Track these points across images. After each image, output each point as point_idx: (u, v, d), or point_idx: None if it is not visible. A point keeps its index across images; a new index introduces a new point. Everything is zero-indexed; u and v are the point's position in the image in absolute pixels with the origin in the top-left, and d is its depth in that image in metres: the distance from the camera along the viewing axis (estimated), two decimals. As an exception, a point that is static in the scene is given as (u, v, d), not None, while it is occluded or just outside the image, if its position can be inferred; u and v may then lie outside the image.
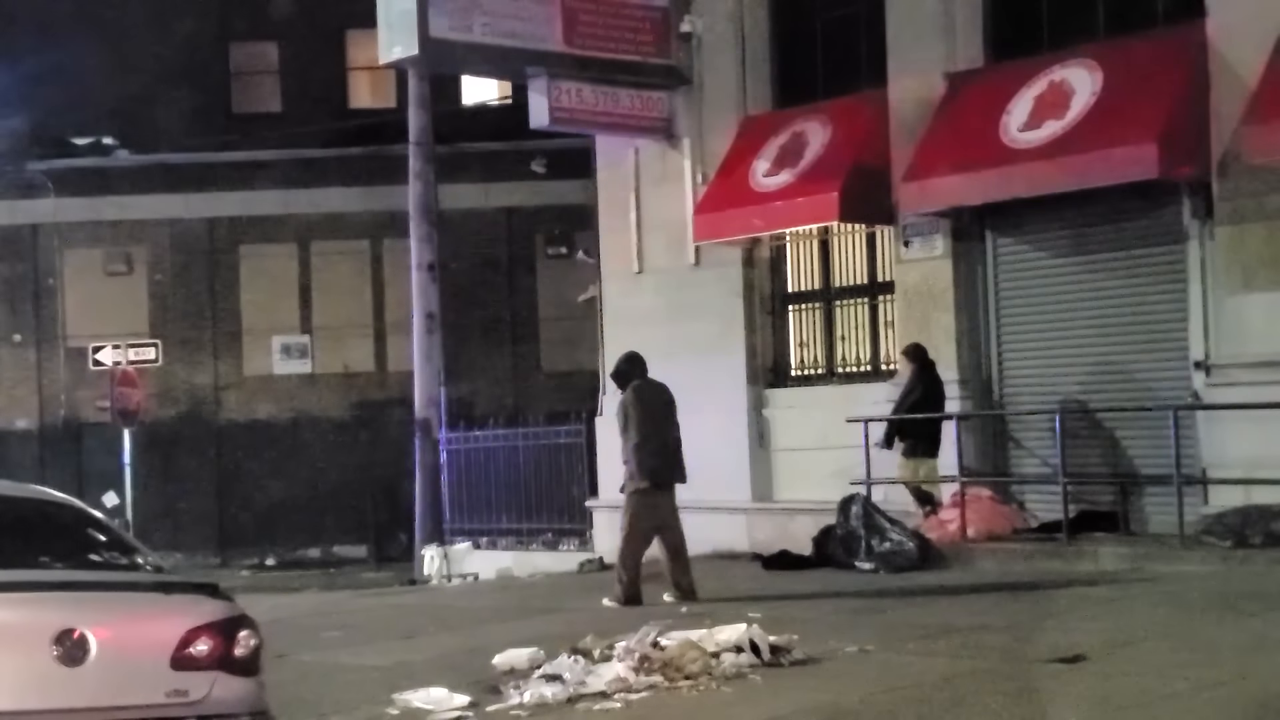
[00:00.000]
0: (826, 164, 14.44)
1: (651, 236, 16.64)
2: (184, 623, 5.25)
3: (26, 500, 6.02)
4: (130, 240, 28.38)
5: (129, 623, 5.18)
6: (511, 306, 28.77)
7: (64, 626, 5.00)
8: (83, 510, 6.01)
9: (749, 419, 15.70)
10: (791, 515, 14.96)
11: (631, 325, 16.56)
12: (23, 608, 5.01)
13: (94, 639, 5.02)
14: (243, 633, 5.40)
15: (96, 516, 6.01)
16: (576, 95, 15.61)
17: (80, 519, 5.92)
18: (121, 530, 5.96)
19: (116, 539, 5.82)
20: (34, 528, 5.73)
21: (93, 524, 5.92)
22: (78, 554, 5.60)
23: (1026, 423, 13.51)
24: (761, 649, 8.23)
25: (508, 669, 8.69)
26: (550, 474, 18.27)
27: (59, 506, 6.01)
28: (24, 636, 4.94)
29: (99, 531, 5.85)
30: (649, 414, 11.74)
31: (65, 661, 4.97)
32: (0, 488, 6.11)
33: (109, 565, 5.57)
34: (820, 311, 15.55)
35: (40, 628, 4.97)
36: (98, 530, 5.87)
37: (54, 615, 5.02)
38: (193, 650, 5.22)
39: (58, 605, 5.07)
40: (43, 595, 5.12)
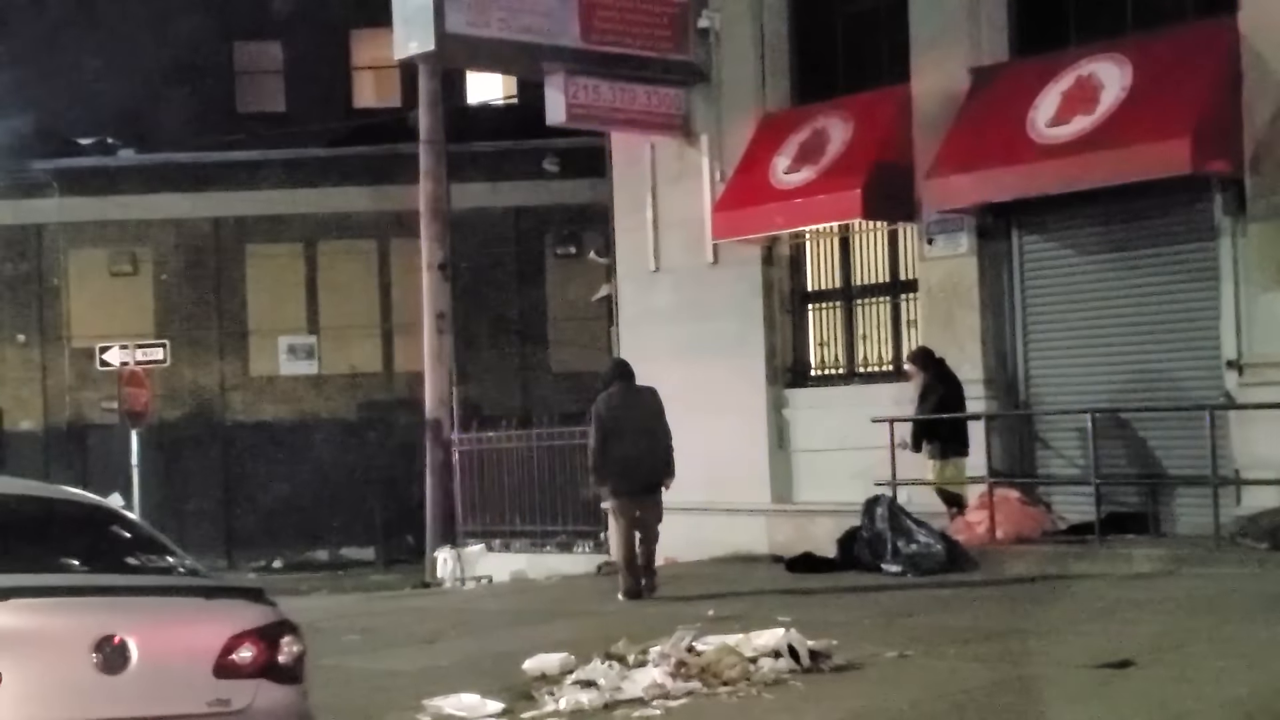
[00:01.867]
0: (848, 161, 14.25)
1: (668, 235, 16.44)
2: (227, 628, 5.04)
3: (58, 501, 5.81)
4: (135, 240, 28.19)
5: (170, 628, 4.97)
6: (520, 307, 28.58)
7: (104, 633, 4.79)
8: (115, 511, 5.80)
9: (768, 419, 15.49)
10: (812, 517, 14.76)
11: (648, 325, 16.39)
12: (61, 613, 4.81)
13: (135, 646, 4.82)
14: (286, 638, 5.19)
15: (130, 517, 5.80)
16: (593, 92, 15.41)
17: (114, 520, 5.71)
18: (156, 531, 5.75)
19: (151, 540, 5.61)
20: (67, 530, 5.53)
21: (127, 525, 5.71)
22: (113, 557, 5.39)
23: (1053, 423, 13.31)
24: (800, 654, 8.03)
25: (538, 674, 8.48)
26: (564, 475, 18.04)
27: (91, 507, 5.80)
28: (63, 643, 4.73)
29: (133, 533, 5.64)
30: (614, 424, 12.04)
31: (105, 669, 4.77)
32: (31, 488, 5.90)
33: (146, 568, 5.35)
34: (840, 310, 15.35)
35: (79, 634, 4.76)
36: (132, 532, 5.66)
37: (93, 621, 4.81)
38: (236, 657, 5.01)
39: (97, 610, 4.86)
40: (81, 600, 4.90)
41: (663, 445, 12.23)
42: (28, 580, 4.87)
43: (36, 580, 4.92)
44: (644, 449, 12.15)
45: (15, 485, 5.87)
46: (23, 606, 4.72)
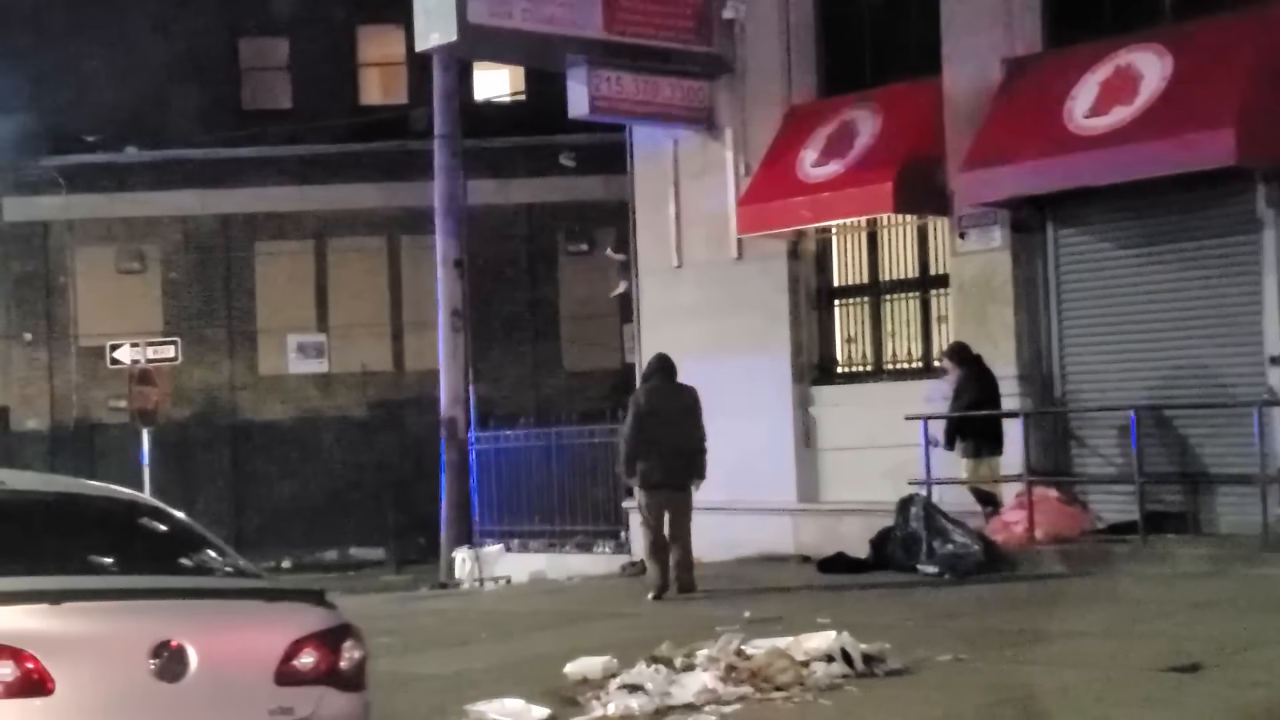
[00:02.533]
0: (878, 153, 13.99)
1: (691, 230, 16.17)
2: (288, 633, 4.77)
3: (104, 499, 5.55)
4: (143, 237, 27.92)
5: (231, 633, 4.70)
6: (532, 304, 28.31)
7: (161, 638, 4.51)
8: (165, 510, 5.53)
9: (794, 417, 15.23)
10: (840, 516, 14.51)
11: (670, 322, 16.12)
12: (116, 618, 4.53)
13: (194, 652, 4.54)
14: (348, 643, 4.92)
15: (179, 516, 5.53)
16: (617, 84, 15.15)
17: (163, 519, 5.44)
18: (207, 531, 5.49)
19: (204, 541, 5.34)
20: (115, 529, 5.27)
21: (176, 525, 5.44)
22: (165, 558, 5.13)
23: (1090, 420, 13.05)
24: (854, 658, 7.77)
25: (580, 678, 8.24)
26: (584, 474, 17.79)
27: (140, 506, 5.54)
28: (118, 650, 4.46)
29: (184, 533, 5.38)
30: (651, 416, 12.07)
31: (163, 676, 4.50)
32: (76, 486, 5.63)
33: (200, 569, 5.09)
34: (868, 306, 15.09)
35: (136, 640, 4.49)
36: (183, 531, 5.39)
37: (150, 626, 4.53)
38: (298, 663, 4.74)
39: (154, 614, 4.59)
40: (137, 604, 4.63)
41: (697, 444, 12.24)
42: (80, 583, 4.62)
43: (89, 583, 4.66)
44: (678, 445, 12.16)
45: (60, 483, 5.62)
46: (76, 611, 4.46)
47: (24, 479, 5.66)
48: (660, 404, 12.24)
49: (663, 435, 12.13)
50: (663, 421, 12.16)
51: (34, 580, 4.59)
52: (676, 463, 12.16)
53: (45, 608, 4.40)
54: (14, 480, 5.43)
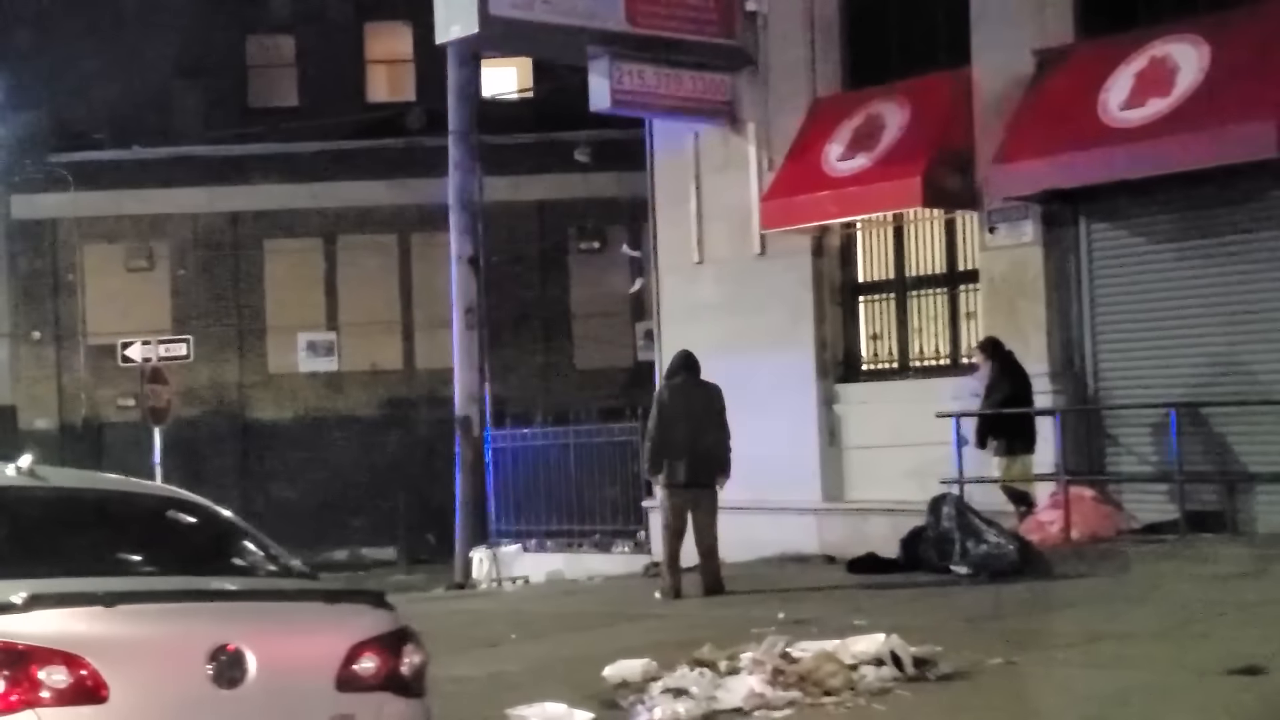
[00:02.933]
0: (906, 147, 13.77)
1: (713, 226, 15.96)
2: (349, 637, 4.55)
3: (151, 497, 5.33)
4: (152, 235, 27.71)
5: (290, 637, 4.49)
6: (543, 302, 28.09)
7: (219, 642, 4.30)
8: (212, 507, 5.31)
9: (818, 415, 15.02)
10: (865, 516, 14.30)
11: (690, 319, 15.91)
12: (172, 621, 4.32)
13: (253, 656, 4.33)
14: (408, 647, 4.72)
15: (228, 515, 5.32)
16: (639, 77, 14.94)
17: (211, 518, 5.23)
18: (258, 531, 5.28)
19: (253, 539, 5.13)
20: (164, 528, 5.05)
21: (225, 523, 5.23)
22: (216, 557, 4.92)
23: (1124, 418, 12.84)
24: (904, 662, 7.55)
25: (620, 681, 8.02)
26: (602, 473, 17.58)
27: (186, 504, 5.32)
28: (175, 654, 4.25)
29: (234, 532, 5.17)
30: (675, 414, 11.94)
31: (221, 682, 4.28)
32: (122, 483, 5.41)
33: (253, 570, 4.88)
34: (893, 302, 14.87)
35: (192, 644, 4.27)
36: (232, 530, 5.18)
37: (207, 629, 4.32)
38: (359, 668, 4.52)
39: (211, 617, 4.38)
40: (194, 606, 4.41)
41: (720, 442, 12.09)
42: (134, 584, 4.40)
43: (143, 584, 4.44)
44: (700, 443, 12.02)
45: (103, 480, 5.40)
46: (131, 614, 4.24)
47: (66, 476, 5.45)
48: (683, 402, 12.11)
49: (686, 434, 12.00)
50: (686, 420, 12.02)
51: (85, 582, 4.38)
52: (700, 462, 12.02)
53: (99, 610, 4.19)
54: (56, 477, 5.22)
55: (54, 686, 4.06)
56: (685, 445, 11.98)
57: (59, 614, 4.15)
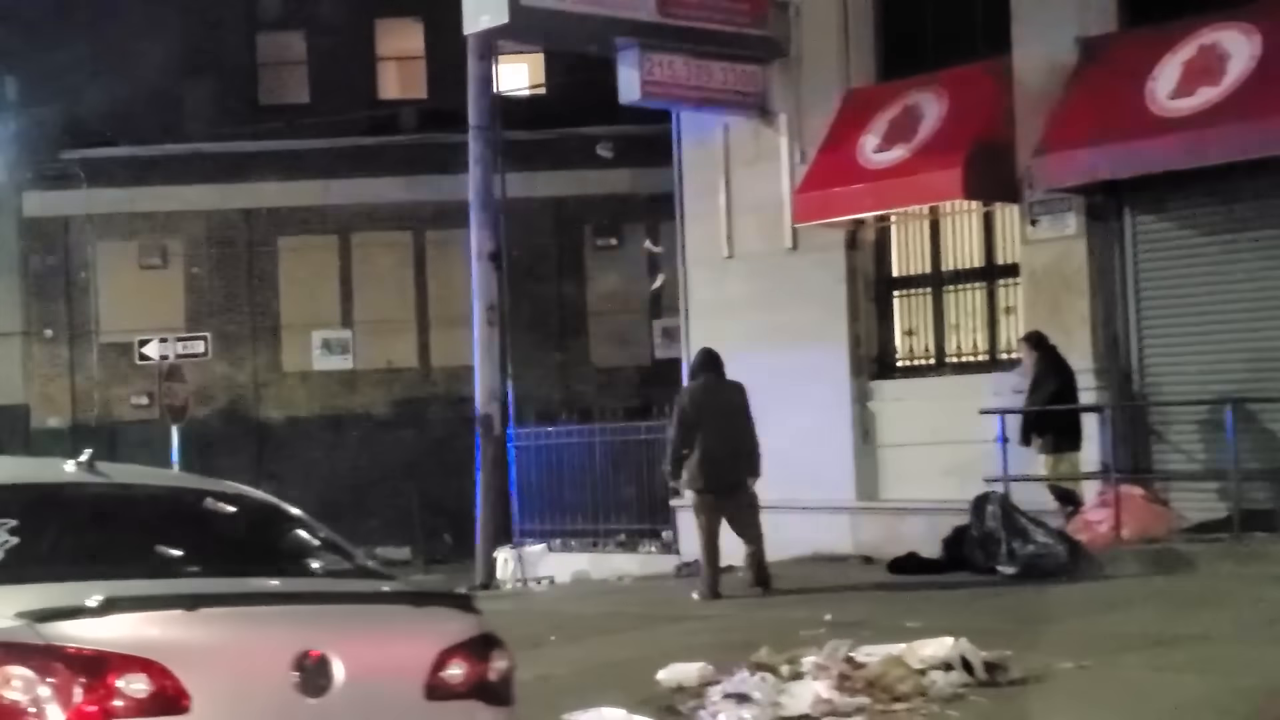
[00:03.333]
0: (945, 138, 13.48)
1: (742, 220, 15.68)
2: (437, 642, 4.27)
3: (219, 494, 5.05)
4: (165, 232, 27.41)
5: (378, 643, 4.20)
6: (559, 300, 27.79)
7: (304, 647, 4.01)
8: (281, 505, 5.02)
9: (852, 413, 14.74)
10: (901, 515, 14.03)
11: (719, 314, 15.64)
12: (257, 624, 4.04)
13: (340, 663, 4.04)
14: (495, 653, 4.44)
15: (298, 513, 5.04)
16: (669, 68, 14.66)
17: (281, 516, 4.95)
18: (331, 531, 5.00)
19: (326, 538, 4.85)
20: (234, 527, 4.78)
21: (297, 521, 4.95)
22: (291, 557, 4.64)
23: (1171, 414, 12.55)
24: (975, 666, 7.28)
25: (675, 685, 7.75)
26: (628, 472, 17.30)
27: (255, 502, 5.04)
28: (259, 660, 3.97)
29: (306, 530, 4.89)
30: (698, 416, 11.70)
31: (306, 690, 3.99)
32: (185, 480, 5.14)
33: (331, 571, 4.60)
34: (929, 297, 14.60)
35: (277, 649, 3.99)
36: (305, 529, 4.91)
37: (292, 634, 4.03)
38: (448, 676, 4.25)
39: (296, 621, 4.09)
40: (278, 610, 4.14)
41: (748, 444, 11.86)
42: (212, 586, 4.13)
43: (223, 586, 4.17)
44: (727, 445, 11.79)
45: (165, 477, 5.13)
46: (213, 618, 3.96)
47: (127, 472, 5.16)
48: (709, 403, 11.86)
49: (712, 436, 11.73)
50: (712, 421, 11.76)
51: (161, 583, 4.11)
52: (728, 464, 11.78)
53: (179, 614, 3.91)
54: (117, 473, 4.94)
55: (133, 696, 3.78)
56: (711, 448, 11.73)
57: (137, 618, 3.87)
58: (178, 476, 5.29)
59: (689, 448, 11.79)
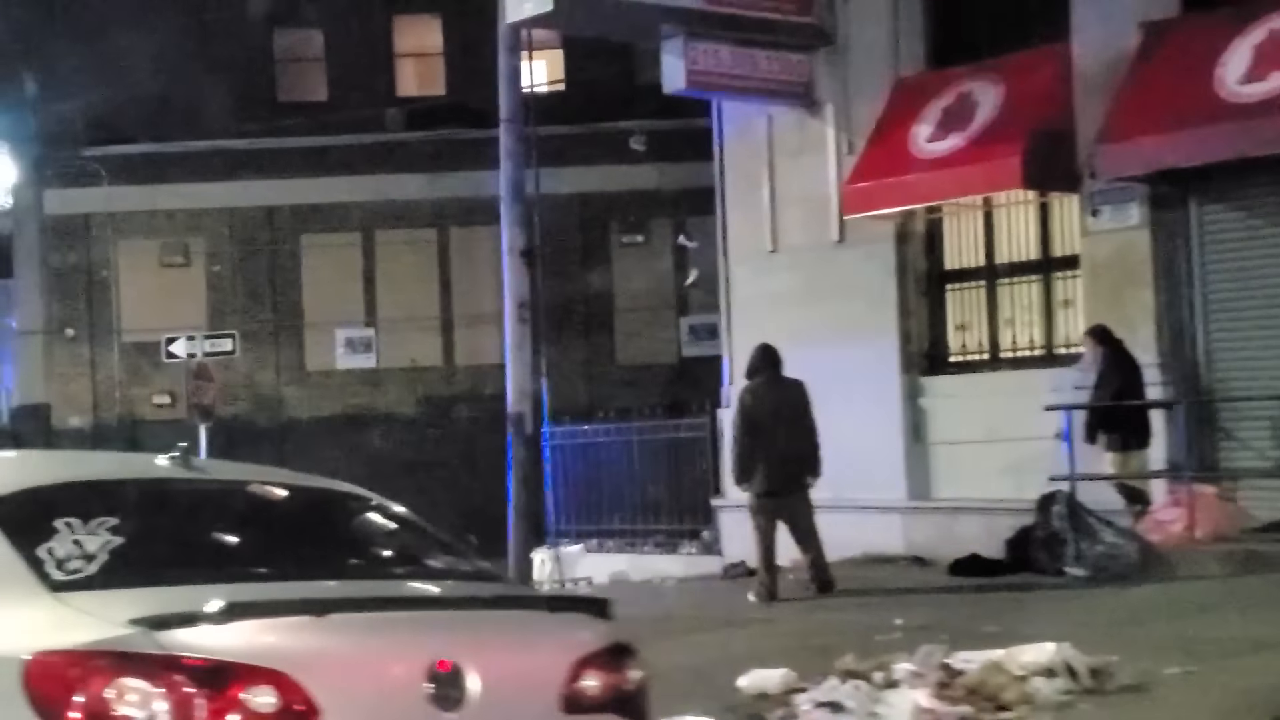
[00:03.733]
0: (1002, 126, 13.11)
1: (787, 213, 15.32)
2: (573, 650, 3.96)
3: (323, 491, 4.70)
4: (187, 230, 27.10)
5: (513, 651, 3.87)
6: (584, 297, 27.45)
7: (437, 656, 3.66)
8: (389, 504, 4.67)
9: (902, 409, 14.37)
10: (955, 515, 13.66)
11: (763, 310, 15.26)
12: (388, 632, 3.68)
13: (474, 673, 3.70)
14: (631, 661, 4.13)
15: (406, 512, 4.68)
16: (714, 57, 14.31)
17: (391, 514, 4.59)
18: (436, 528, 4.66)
19: (438, 539, 4.51)
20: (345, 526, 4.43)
21: (406, 521, 4.60)
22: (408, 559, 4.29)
23: (1242, 410, 12.17)
24: (1079, 672, 6.91)
25: (758, 693, 7.41)
26: (669, 471, 16.95)
27: (362, 499, 4.68)
28: (392, 671, 3.62)
29: (416, 530, 4.54)
30: (759, 416, 11.45)
31: (440, 703, 3.65)
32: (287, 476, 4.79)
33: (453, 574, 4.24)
34: (983, 291, 14.22)
35: (410, 658, 3.64)
36: (415, 529, 4.55)
37: (424, 642, 3.69)
38: (584, 687, 3.93)
39: (427, 628, 3.76)
40: (410, 615, 3.79)
41: (809, 443, 11.58)
42: (338, 590, 3.78)
43: (349, 590, 3.82)
44: (787, 447, 11.50)
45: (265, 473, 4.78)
46: (343, 624, 3.61)
47: (222, 468, 4.79)
48: (768, 403, 11.57)
49: (772, 438, 11.46)
50: (771, 423, 11.49)
51: (282, 587, 3.77)
52: (788, 466, 11.50)
53: (307, 621, 3.56)
54: (214, 469, 4.58)
55: (259, 711, 3.44)
56: (771, 450, 11.46)
57: (262, 625, 3.52)
58: (274, 472, 4.93)
59: (754, 449, 11.44)
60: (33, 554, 3.75)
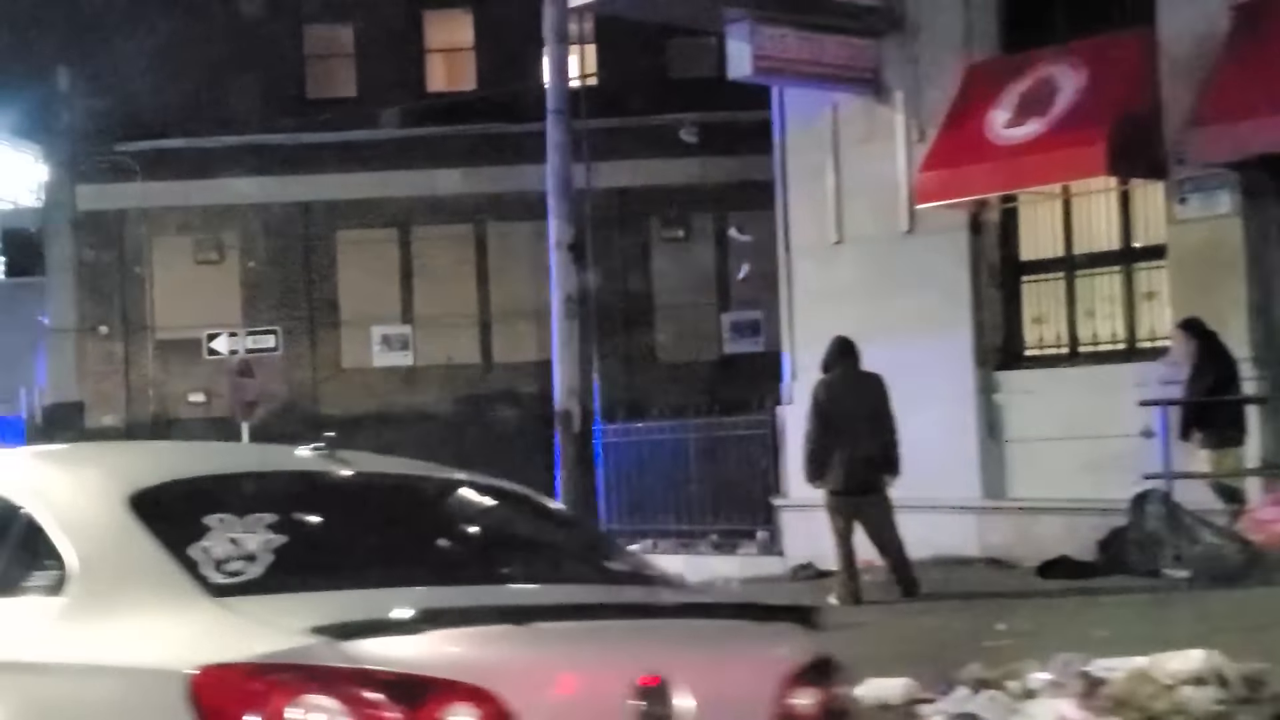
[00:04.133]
0: (1084, 112, 12.62)
1: (853, 203, 14.86)
2: (781, 665, 3.54)
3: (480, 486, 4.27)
4: (221, 226, 26.75)
5: (721, 665, 3.44)
6: (624, 293, 27.01)
7: (644, 671, 3.24)
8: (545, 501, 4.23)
9: (977, 405, 13.90)
10: (1034, 515, 13.19)
11: (826, 303, 14.80)
12: (592, 643, 3.27)
13: (683, 689, 3.27)
14: (838, 676, 3.71)
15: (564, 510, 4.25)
16: (780, 42, 13.88)
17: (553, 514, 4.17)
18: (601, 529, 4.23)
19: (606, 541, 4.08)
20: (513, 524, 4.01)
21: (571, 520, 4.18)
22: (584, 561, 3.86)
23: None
24: (1230, 681, 6.45)
25: (879, 704, 6.95)
26: (726, 470, 16.50)
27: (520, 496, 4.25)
28: (597, 687, 3.20)
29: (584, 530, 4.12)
30: (836, 412, 11.07)
31: None
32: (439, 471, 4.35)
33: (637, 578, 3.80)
34: (1060, 282, 13.75)
35: (616, 673, 3.22)
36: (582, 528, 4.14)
37: (630, 655, 3.28)
38: (795, 705, 3.49)
39: (633, 639, 3.34)
40: (615, 625, 3.36)
41: (888, 439, 11.15)
42: (531, 596, 3.34)
43: (543, 596, 3.39)
44: (865, 443, 11.07)
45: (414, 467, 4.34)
46: (546, 634, 3.19)
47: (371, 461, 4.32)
48: (845, 398, 11.16)
49: (847, 435, 11.03)
50: (849, 417, 11.05)
51: (473, 592, 3.35)
52: (865, 464, 11.07)
53: (508, 630, 3.14)
54: (362, 462, 4.14)
55: None
56: (848, 447, 11.03)
57: (459, 634, 3.10)
58: (418, 465, 4.49)
59: (829, 446, 11.02)
60: (184, 554, 3.33)
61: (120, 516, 3.48)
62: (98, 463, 4.05)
